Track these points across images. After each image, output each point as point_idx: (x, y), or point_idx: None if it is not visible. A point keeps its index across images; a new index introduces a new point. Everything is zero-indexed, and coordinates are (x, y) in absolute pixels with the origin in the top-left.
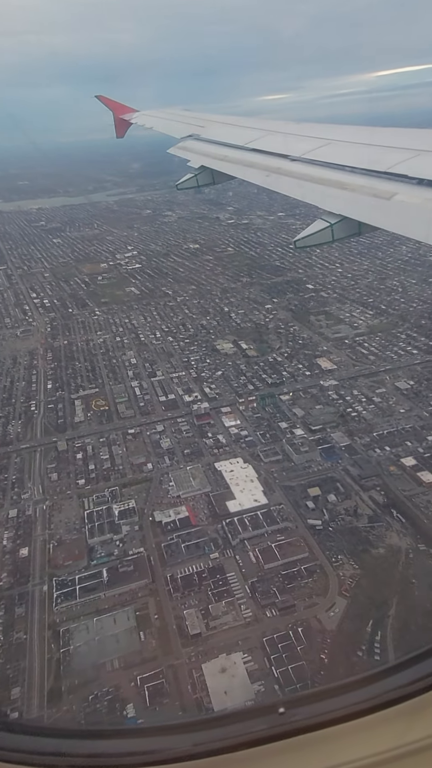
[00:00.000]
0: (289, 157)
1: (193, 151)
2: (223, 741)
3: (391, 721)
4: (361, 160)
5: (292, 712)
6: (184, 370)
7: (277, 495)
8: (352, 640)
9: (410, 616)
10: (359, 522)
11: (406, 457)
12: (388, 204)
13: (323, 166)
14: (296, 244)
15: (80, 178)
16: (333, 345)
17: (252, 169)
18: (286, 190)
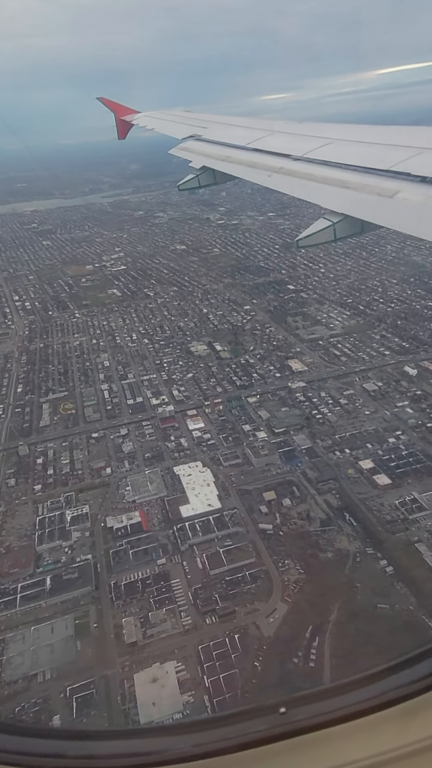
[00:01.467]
0: (291, 156)
1: (195, 151)
2: (224, 741)
3: (393, 721)
4: (364, 159)
5: (293, 712)
6: (155, 372)
7: (232, 499)
8: (288, 647)
9: (351, 621)
10: (311, 526)
11: (364, 459)
12: (391, 202)
13: (325, 165)
14: (298, 244)
15: (78, 180)
16: (307, 346)
17: (254, 169)
18: (289, 190)
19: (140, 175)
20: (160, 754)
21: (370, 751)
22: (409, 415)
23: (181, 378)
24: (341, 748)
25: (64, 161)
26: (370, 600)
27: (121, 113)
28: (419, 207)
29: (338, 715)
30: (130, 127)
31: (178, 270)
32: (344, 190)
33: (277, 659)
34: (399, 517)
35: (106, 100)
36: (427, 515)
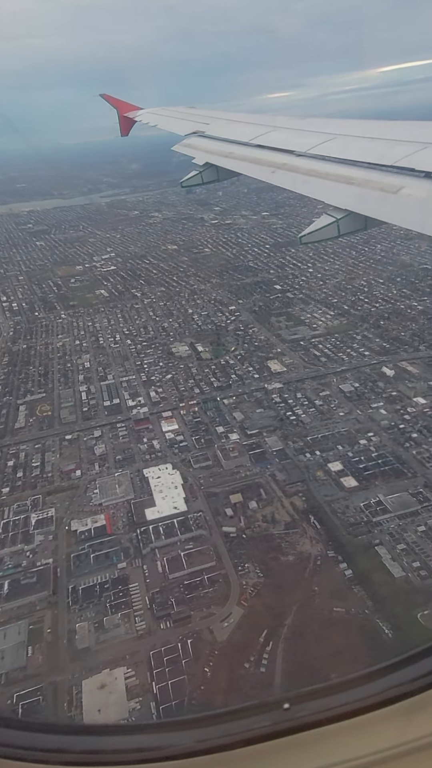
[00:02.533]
0: (294, 152)
1: (198, 148)
2: (226, 737)
3: (396, 718)
4: (367, 155)
5: (296, 709)
6: (135, 373)
7: (199, 502)
8: (240, 652)
9: (306, 625)
10: (275, 529)
11: (334, 461)
12: (395, 198)
13: (329, 161)
14: (301, 240)
15: (78, 180)
16: (288, 347)
17: (257, 165)
18: (292, 186)
19: (139, 174)
20: (163, 749)
21: (373, 747)
22: (383, 416)
23: (160, 379)
24: (344, 744)
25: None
26: (327, 604)
27: (123, 110)
28: (423, 203)
29: (341, 712)
30: (132, 123)
31: (168, 270)
32: (348, 186)
33: (227, 665)
34: (362, 519)
35: (108, 96)
36: (389, 518)
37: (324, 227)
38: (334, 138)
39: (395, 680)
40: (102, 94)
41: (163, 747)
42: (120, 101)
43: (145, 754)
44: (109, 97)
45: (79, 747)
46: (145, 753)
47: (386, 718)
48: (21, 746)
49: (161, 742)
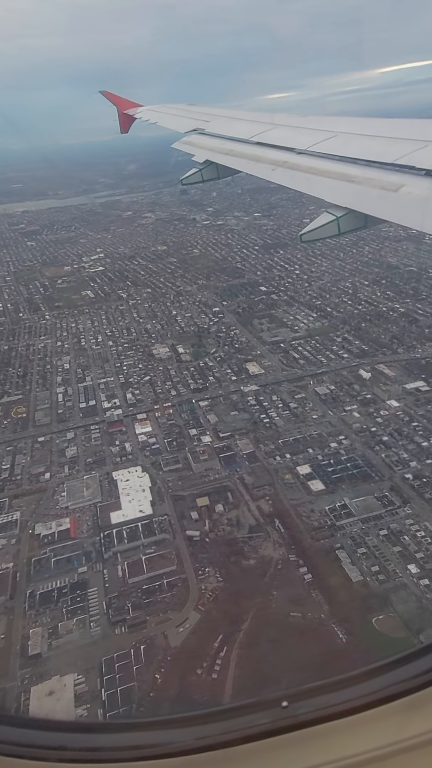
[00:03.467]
0: (294, 150)
1: (198, 145)
2: (225, 735)
3: (396, 715)
4: (368, 152)
5: (295, 706)
6: (114, 375)
7: (165, 505)
8: (193, 658)
9: (262, 630)
10: (239, 533)
11: (303, 465)
12: (395, 196)
13: (329, 159)
14: (302, 238)
15: (74, 180)
16: (268, 349)
17: (257, 162)
18: (292, 184)
19: (136, 174)
20: (162, 747)
21: (373, 744)
22: (355, 419)
23: (138, 381)
24: (343, 741)
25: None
26: (284, 609)
27: (123, 107)
28: (424, 201)
29: (341, 709)
30: (132, 120)
31: (156, 271)
32: (348, 184)
33: (179, 671)
34: (326, 523)
35: (108, 93)
36: (353, 521)
37: (324, 225)
38: (335, 136)
39: (394, 677)
40: (102, 91)
41: (161, 744)
42: (120, 98)
43: (144, 751)
44: (109, 93)
45: (77, 744)
46: (143, 750)
47: (385, 715)
48: (19, 743)
49: (160, 739)
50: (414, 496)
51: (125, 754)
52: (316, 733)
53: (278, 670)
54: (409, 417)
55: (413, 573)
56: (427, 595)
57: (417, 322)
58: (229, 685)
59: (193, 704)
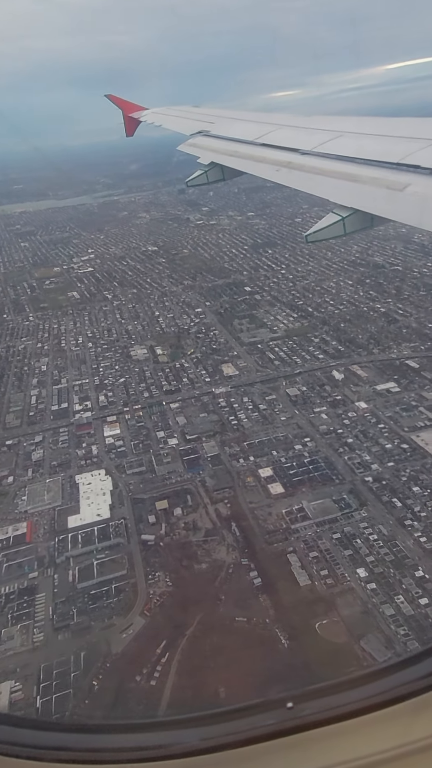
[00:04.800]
0: (299, 150)
1: (203, 147)
2: (230, 736)
3: (403, 717)
4: (373, 152)
5: (301, 707)
6: (89, 377)
7: (124, 509)
8: (134, 664)
9: (206, 635)
10: (195, 536)
11: (265, 467)
12: (401, 195)
13: (334, 159)
14: (307, 239)
15: (76, 181)
16: (245, 350)
17: (262, 164)
18: (297, 185)
19: (136, 175)
20: (166, 748)
21: (379, 746)
22: (323, 421)
23: (113, 383)
24: (349, 743)
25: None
26: (231, 613)
27: (128, 110)
28: (430, 200)
29: (346, 711)
30: (138, 124)
31: (143, 272)
32: (353, 184)
33: (118, 678)
34: (281, 527)
35: (114, 97)
36: (308, 525)
37: (329, 226)
38: (340, 136)
39: (401, 679)
40: (107, 95)
41: (164, 745)
42: (125, 102)
43: (147, 752)
44: (114, 97)
45: (79, 745)
46: (146, 751)
47: (392, 717)
48: (20, 743)
49: (163, 740)
50: (372, 498)
51: (128, 755)
52: (321, 735)
53: (217, 678)
54: (376, 419)
55: (361, 577)
56: (373, 600)
57: (396, 322)
58: (167, 693)
59: (128, 712)
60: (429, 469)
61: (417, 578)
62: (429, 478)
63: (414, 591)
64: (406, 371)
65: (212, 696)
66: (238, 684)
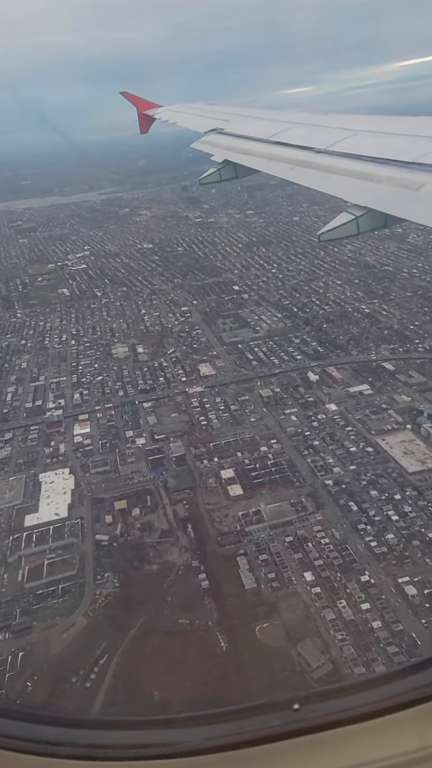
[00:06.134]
0: (314, 149)
1: (217, 145)
2: (234, 736)
3: (412, 723)
4: (389, 151)
5: (307, 709)
6: (67, 375)
7: (83, 508)
8: (71, 666)
9: (148, 637)
10: (149, 537)
11: (228, 469)
12: (417, 195)
13: (349, 158)
14: (320, 238)
15: (84, 177)
16: (225, 350)
17: (276, 162)
18: (311, 183)
19: (143, 171)
20: (170, 746)
21: (386, 752)
22: (292, 422)
23: (90, 381)
24: (356, 748)
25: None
26: (175, 615)
27: (143, 107)
28: None
29: (354, 714)
30: (152, 121)
31: (136, 269)
32: (368, 183)
33: (53, 679)
34: (236, 529)
35: (128, 94)
36: (262, 527)
37: (343, 225)
38: (355, 134)
39: (410, 684)
40: (122, 92)
41: (169, 743)
42: (139, 99)
43: (149, 750)
44: (129, 94)
45: (82, 740)
46: (151, 749)
47: (403, 722)
48: (23, 738)
49: (167, 738)
50: (329, 502)
51: (131, 753)
52: (326, 739)
53: (153, 680)
54: (345, 421)
55: (308, 581)
56: (316, 604)
57: (378, 323)
58: (101, 695)
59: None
60: (390, 473)
61: (362, 583)
62: (388, 482)
63: (357, 596)
64: (382, 373)
65: (145, 699)
66: (172, 687)
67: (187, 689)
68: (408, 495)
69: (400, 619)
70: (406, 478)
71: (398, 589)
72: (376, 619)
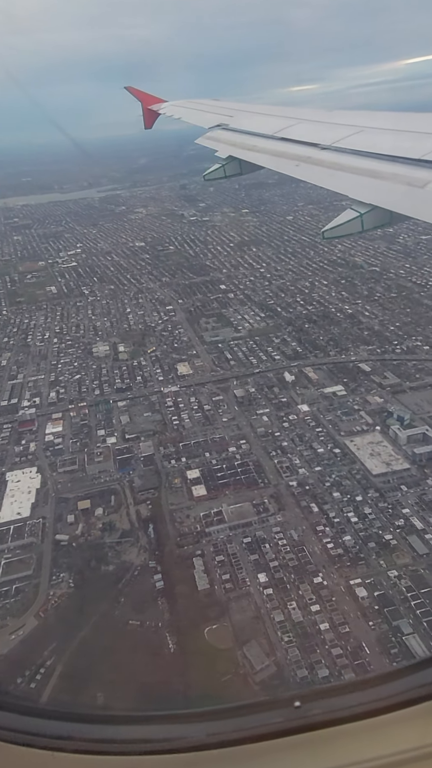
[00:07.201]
0: (319, 145)
1: (221, 141)
2: (236, 732)
3: (416, 719)
4: (394, 148)
5: (308, 707)
6: (46, 373)
7: (47, 508)
8: (17, 666)
9: (97, 638)
10: (110, 537)
11: (194, 469)
12: (422, 192)
13: (354, 155)
14: (324, 235)
15: (84, 174)
16: (205, 349)
17: (280, 158)
18: (315, 180)
19: (144, 169)
20: (173, 741)
21: (387, 750)
22: (263, 423)
23: (68, 379)
24: (356, 745)
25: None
26: (127, 616)
27: (147, 102)
28: None
29: (355, 712)
30: (156, 116)
31: (125, 267)
32: (373, 180)
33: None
34: (196, 529)
35: (133, 89)
36: (222, 528)
37: (347, 222)
38: (361, 131)
39: (411, 683)
40: (127, 87)
41: (172, 739)
42: (144, 93)
43: (152, 745)
44: (134, 89)
45: (85, 735)
46: (151, 744)
47: (405, 719)
48: (25, 731)
49: (171, 733)
50: (291, 503)
51: (134, 747)
52: (327, 736)
53: (98, 682)
54: (316, 422)
55: (261, 582)
56: (267, 605)
57: (360, 324)
58: (45, 698)
59: None
60: (354, 475)
61: (314, 584)
62: (352, 484)
63: (308, 597)
64: (357, 374)
65: (89, 700)
66: (117, 689)
67: (130, 691)
68: (370, 497)
69: (348, 621)
70: (369, 479)
71: (349, 591)
72: (324, 621)
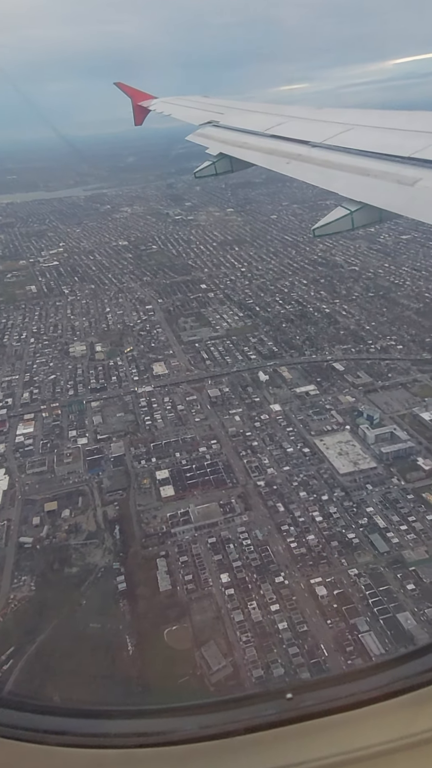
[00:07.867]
0: (309, 143)
1: (212, 138)
2: (229, 725)
3: (403, 709)
4: (384, 145)
5: (300, 698)
6: (20, 373)
7: (12, 510)
8: None
9: (57, 641)
10: (75, 539)
11: (163, 469)
12: (411, 190)
13: (345, 152)
14: (314, 233)
15: (70, 172)
16: (182, 349)
17: (271, 155)
18: (306, 177)
19: (132, 167)
20: (166, 734)
21: (379, 738)
22: (234, 423)
23: (42, 380)
24: (349, 734)
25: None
26: (87, 619)
27: (138, 99)
28: None
29: (346, 702)
30: (147, 113)
31: (107, 267)
32: (363, 178)
33: None
34: (161, 530)
35: (122, 85)
36: (188, 529)
37: (337, 220)
38: (351, 128)
39: (403, 672)
40: (116, 83)
41: (165, 732)
42: (134, 90)
43: (147, 738)
44: (123, 85)
45: (79, 729)
46: (147, 737)
47: (393, 709)
48: (20, 726)
49: (164, 727)
50: (258, 503)
51: (127, 741)
52: (320, 726)
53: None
54: (287, 422)
55: (223, 582)
56: (228, 605)
57: (336, 323)
58: None
59: None
60: (322, 474)
61: (276, 584)
62: (319, 484)
63: (269, 597)
64: (330, 374)
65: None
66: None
67: (87, 694)
68: (335, 496)
69: (306, 620)
70: (336, 479)
71: (310, 589)
72: (283, 620)
